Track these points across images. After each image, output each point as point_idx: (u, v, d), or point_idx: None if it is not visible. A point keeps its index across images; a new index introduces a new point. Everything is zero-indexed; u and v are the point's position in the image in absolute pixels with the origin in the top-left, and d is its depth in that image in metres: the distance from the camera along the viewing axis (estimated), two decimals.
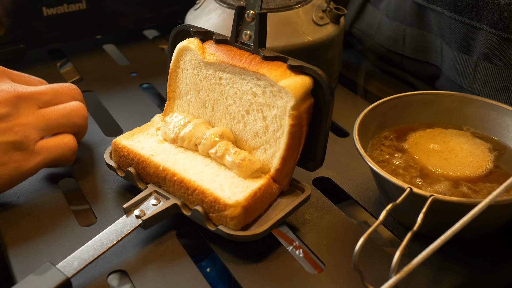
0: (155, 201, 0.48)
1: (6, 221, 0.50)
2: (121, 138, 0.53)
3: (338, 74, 0.72)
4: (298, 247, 0.56)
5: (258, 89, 0.49)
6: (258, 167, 0.48)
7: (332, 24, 0.66)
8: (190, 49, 0.53)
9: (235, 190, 0.46)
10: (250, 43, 0.50)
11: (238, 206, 0.44)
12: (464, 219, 0.39)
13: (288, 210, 0.47)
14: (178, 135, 0.52)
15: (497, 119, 0.54)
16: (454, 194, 0.47)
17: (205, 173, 0.48)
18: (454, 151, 0.52)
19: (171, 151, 0.52)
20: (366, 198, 0.53)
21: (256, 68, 0.49)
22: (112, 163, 0.53)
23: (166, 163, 0.49)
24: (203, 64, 0.52)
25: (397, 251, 0.39)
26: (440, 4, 0.62)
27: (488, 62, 0.58)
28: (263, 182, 0.47)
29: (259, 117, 0.49)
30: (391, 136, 0.54)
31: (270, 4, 0.65)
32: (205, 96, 0.53)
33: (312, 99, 0.48)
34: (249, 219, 0.46)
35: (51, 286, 0.41)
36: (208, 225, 0.46)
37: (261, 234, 0.45)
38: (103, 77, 0.75)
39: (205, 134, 0.50)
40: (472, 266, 0.46)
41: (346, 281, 0.44)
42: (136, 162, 0.51)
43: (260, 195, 0.46)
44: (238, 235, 0.45)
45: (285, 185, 0.49)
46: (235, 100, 0.51)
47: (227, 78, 0.51)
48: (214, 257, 0.60)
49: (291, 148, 0.47)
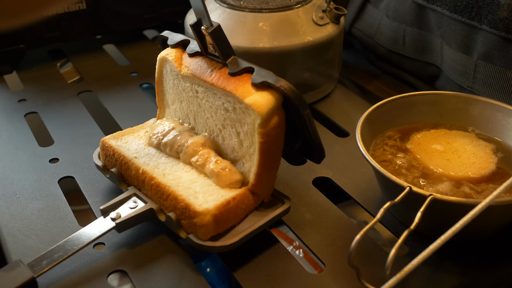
0: (133, 204, 0.48)
1: (6, 221, 0.50)
2: (110, 137, 0.53)
3: (338, 74, 0.72)
4: (298, 247, 0.56)
5: (228, 105, 0.47)
6: (238, 178, 0.47)
7: (332, 24, 0.66)
8: (168, 61, 0.53)
9: (209, 198, 0.45)
10: (217, 54, 0.48)
11: (208, 214, 0.43)
12: (464, 219, 0.39)
13: (262, 222, 0.46)
14: (161, 141, 0.51)
15: (502, 121, 0.53)
16: (456, 194, 0.47)
17: (182, 179, 0.47)
18: (457, 152, 0.52)
19: (155, 155, 0.51)
20: (366, 198, 0.53)
21: (224, 84, 0.47)
22: (99, 162, 0.53)
23: (147, 167, 0.49)
24: (180, 76, 0.52)
25: (392, 249, 0.39)
26: (440, 4, 0.62)
27: (488, 62, 0.58)
28: (239, 192, 0.46)
29: (234, 133, 0.48)
30: (395, 136, 0.54)
31: (270, 4, 0.65)
32: (187, 107, 0.53)
33: (283, 112, 0.45)
34: (220, 228, 0.45)
35: (16, 283, 0.41)
36: (180, 232, 0.45)
37: (231, 246, 0.44)
38: (103, 77, 0.75)
39: (187, 142, 0.50)
40: (472, 266, 0.46)
41: (346, 281, 0.44)
42: (120, 163, 0.50)
43: (234, 205, 0.45)
44: (207, 245, 0.43)
45: (265, 196, 0.48)
46: (212, 114, 0.50)
47: (202, 92, 0.50)
48: (214, 257, 0.60)
49: (265, 164, 0.46)
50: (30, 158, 0.59)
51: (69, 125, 0.64)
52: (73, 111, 0.68)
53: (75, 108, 0.68)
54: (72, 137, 0.62)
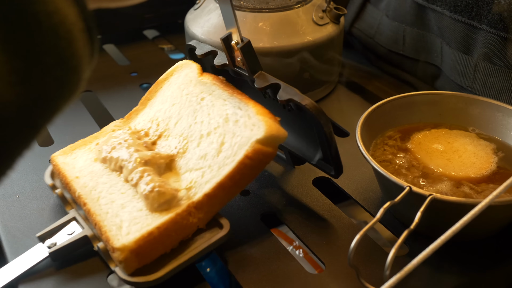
0: (71, 229, 0.46)
1: (6, 221, 0.50)
2: (59, 153, 0.52)
3: (338, 74, 0.72)
4: (298, 247, 0.56)
5: (233, 117, 0.47)
6: (167, 198, 0.44)
7: (332, 24, 0.66)
8: (190, 67, 0.54)
9: (133, 228, 0.42)
10: (245, 69, 0.49)
11: (125, 250, 0.40)
12: (464, 219, 0.39)
13: (195, 252, 0.43)
14: (108, 154, 0.49)
15: (502, 121, 0.53)
16: (456, 194, 0.47)
17: (114, 204, 0.45)
18: (458, 152, 0.52)
19: (98, 173, 0.48)
20: (366, 198, 0.53)
21: (245, 97, 0.48)
22: (49, 181, 0.51)
23: (84, 189, 0.46)
24: (194, 82, 0.52)
25: (392, 249, 0.39)
26: (440, 4, 0.62)
27: (488, 62, 0.58)
28: (167, 219, 0.42)
29: (217, 142, 0.47)
30: (395, 135, 0.54)
31: (270, 4, 0.65)
32: (176, 110, 0.52)
33: (275, 152, 0.45)
34: (146, 260, 0.42)
35: None
36: (110, 264, 0.43)
37: (155, 281, 0.41)
38: (103, 77, 0.75)
39: (131, 156, 0.47)
40: (472, 266, 0.46)
41: (346, 281, 0.44)
42: (64, 183, 0.49)
43: (159, 235, 0.41)
44: (130, 280, 0.41)
45: (201, 220, 0.44)
46: (203, 120, 0.49)
47: (209, 100, 0.50)
48: (214, 257, 0.60)
49: (230, 180, 0.44)
50: (30, 158, 0.59)
51: (69, 125, 0.64)
52: (73, 111, 0.67)
53: (75, 108, 0.68)
54: (72, 137, 0.62)
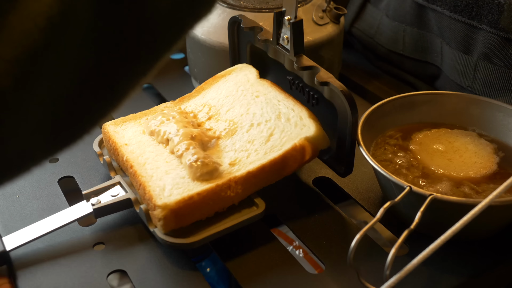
0: (115, 192, 0.49)
1: (6, 221, 0.50)
2: (110, 123, 0.54)
3: (338, 74, 0.72)
4: (298, 247, 0.56)
5: (285, 115, 0.51)
6: (210, 169, 0.46)
7: (332, 24, 0.66)
8: (249, 70, 0.57)
9: (175, 191, 0.45)
10: (288, 47, 0.51)
11: (166, 208, 0.43)
12: (464, 219, 0.39)
13: (230, 224, 0.45)
14: (156, 127, 0.52)
15: (503, 121, 0.53)
16: (456, 194, 0.47)
17: (159, 170, 0.47)
18: (458, 152, 0.51)
19: (145, 143, 0.51)
20: (366, 198, 0.53)
21: (298, 103, 0.52)
22: (97, 149, 0.54)
23: (132, 154, 0.49)
24: (251, 82, 0.55)
25: (392, 249, 0.39)
26: (440, 4, 0.62)
27: (488, 62, 0.58)
28: (207, 187, 0.44)
29: (267, 132, 0.50)
30: (396, 135, 0.54)
31: (270, 4, 0.65)
32: (230, 101, 0.54)
33: (315, 156, 0.49)
34: (182, 223, 0.44)
35: None
36: (149, 225, 0.45)
37: (192, 244, 0.44)
38: None
39: (178, 131, 0.50)
40: (472, 266, 0.46)
41: (346, 281, 0.44)
42: (113, 149, 0.52)
43: (199, 201, 0.44)
44: (167, 240, 0.44)
45: (238, 196, 0.46)
46: (256, 113, 0.52)
47: (263, 98, 0.53)
48: (214, 257, 0.60)
49: (273, 166, 0.47)
50: None
51: None
52: None
53: None
54: None
